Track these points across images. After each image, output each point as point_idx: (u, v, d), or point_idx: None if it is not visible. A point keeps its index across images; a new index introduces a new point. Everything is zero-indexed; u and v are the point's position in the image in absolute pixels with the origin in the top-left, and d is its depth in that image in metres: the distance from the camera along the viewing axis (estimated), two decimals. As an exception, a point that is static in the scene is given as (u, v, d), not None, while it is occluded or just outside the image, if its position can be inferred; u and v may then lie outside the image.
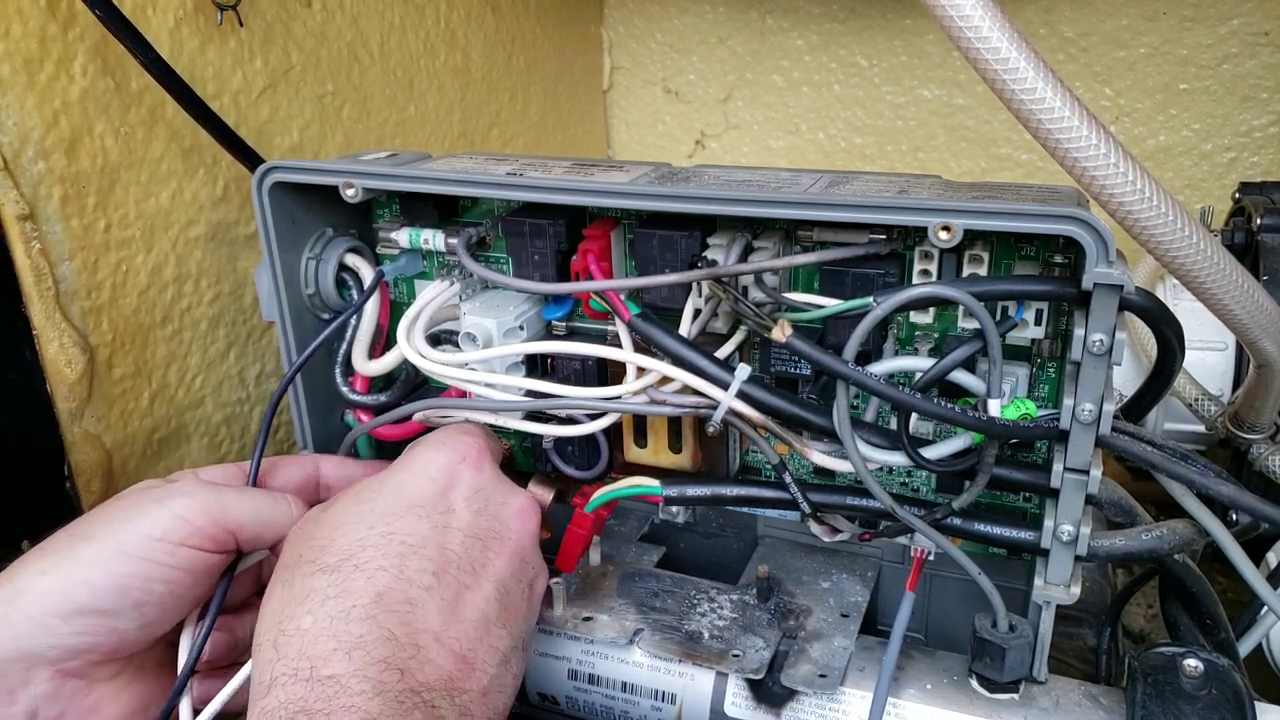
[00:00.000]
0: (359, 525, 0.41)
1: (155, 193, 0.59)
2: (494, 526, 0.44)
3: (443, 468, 0.45)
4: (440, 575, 0.40)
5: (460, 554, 0.42)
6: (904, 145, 1.14)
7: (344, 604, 0.38)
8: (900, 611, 0.47)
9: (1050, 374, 0.49)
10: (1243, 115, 1.01)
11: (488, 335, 0.52)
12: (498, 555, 0.43)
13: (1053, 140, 0.38)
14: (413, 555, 0.40)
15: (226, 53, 0.63)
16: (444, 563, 0.41)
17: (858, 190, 0.46)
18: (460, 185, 0.50)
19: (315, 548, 0.41)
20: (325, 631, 0.37)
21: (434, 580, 0.40)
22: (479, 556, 0.42)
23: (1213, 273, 0.40)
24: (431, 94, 0.86)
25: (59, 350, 0.54)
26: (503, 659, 0.41)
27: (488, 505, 0.45)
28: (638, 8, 1.18)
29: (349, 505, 0.43)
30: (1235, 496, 0.44)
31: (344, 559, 0.40)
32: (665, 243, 0.49)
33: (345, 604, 0.38)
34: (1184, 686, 0.45)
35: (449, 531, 0.42)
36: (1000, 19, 0.37)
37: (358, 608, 0.37)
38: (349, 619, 0.37)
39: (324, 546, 0.41)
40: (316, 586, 0.38)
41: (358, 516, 0.42)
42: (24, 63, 0.51)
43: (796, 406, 0.46)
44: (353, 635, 0.37)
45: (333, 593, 0.38)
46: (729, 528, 0.62)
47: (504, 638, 0.42)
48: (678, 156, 1.23)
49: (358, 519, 0.42)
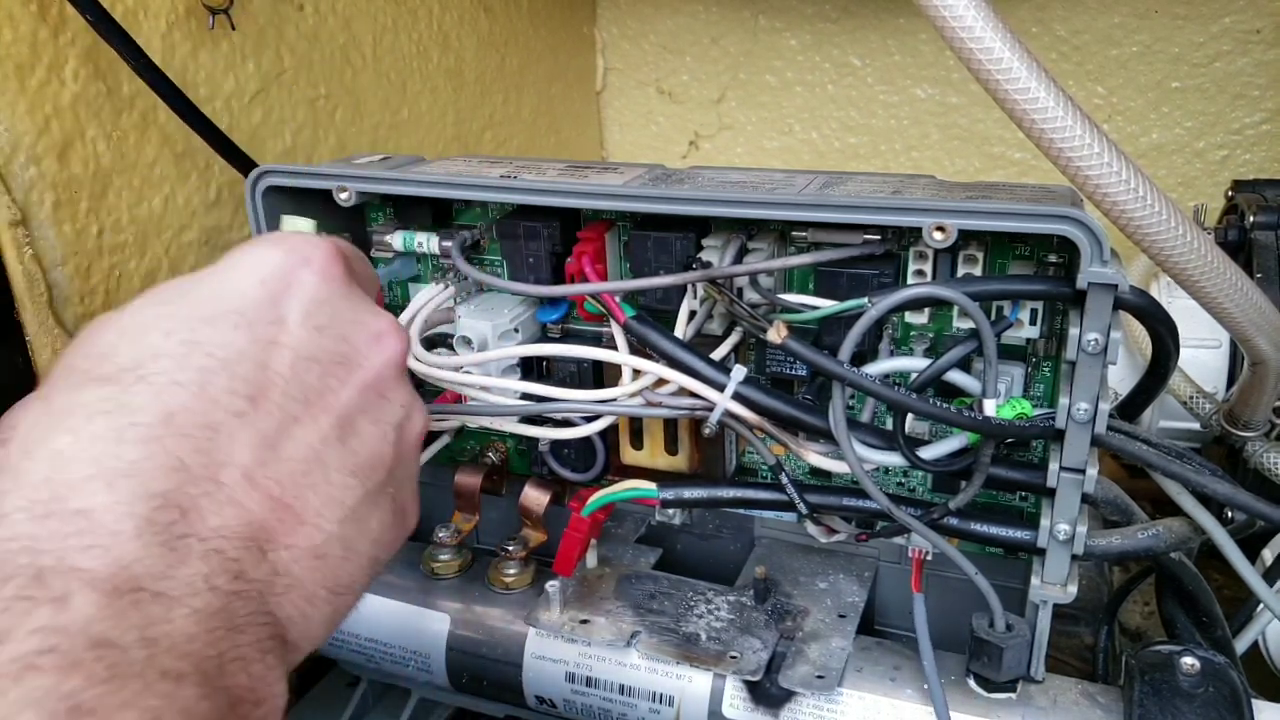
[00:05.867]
0: (153, 331, 0.31)
1: (148, 198, 0.59)
2: (340, 350, 0.34)
3: (277, 269, 0.34)
4: (257, 401, 0.31)
5: (288, 377, 0.32)
6: (898, 145, 1.14)
7: (118, 421, 0.28)
8: (916, 615, 0.47)
9: (1046, 373, 0.49)
10: (1235, 113, 1.01)
11: (483, 338, 0.52)
12: (343, 385, 0.34)
13: (1046, 139, 0.38)
14: (221, 372, 0.31)
15: (219, 56, 0.63)
16: (264, 385, 0.31)
17: (852, 191, 0.46)
18: (454, 188, 0.50)
19: (93, 355, 0.31)
20: (85, 454, 0.28)
21: (248, 406, 0.31)
22: (315, 384, 0.33)
23: (1207, 271, 0.40)
24: (424, 96, 0.86)
25: (52, 356, 0.54)
26: (349, 514, 0.33)
27: (333, 323, 0.35)
28: (630, 9, 1.18)
29: (144, 306, 0.33)
30: (1231, 494, 0.44)
31: (126, 369, 0.30)
32: (660, 244, 0.49)
33: (120, 421, 0.28)
34: (1181, 684, 0.45)
35: (275, 348, 0.32)
36: (993, 18, 0.37)
37: (137, 427, 0.28)
38: (121, 440, 0.28)
39: (104, 354, 0.31)
40: (84, 400, 0.29)
41: (154, 320, 0.32)
42: (15, 68, 0.51)
43: (792, 408, 0.46)
44: (123, 460, 0.28)
45: (105, 408, 0.29)
46: (726, 529, 0.62)
47: (352, 488, 0.33)
48: (672, 157, 1.23)
49: (153, 323, 0.32)
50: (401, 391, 0.37)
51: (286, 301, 0.34)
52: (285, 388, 0.32)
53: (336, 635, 0.58)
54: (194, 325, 0.32)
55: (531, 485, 0.59)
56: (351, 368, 0.35)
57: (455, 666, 0.56)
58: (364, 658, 0.59)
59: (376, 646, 0.58)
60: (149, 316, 0.32)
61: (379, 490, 0.35)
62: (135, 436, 0.28)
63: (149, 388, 0.30)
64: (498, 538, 0.58)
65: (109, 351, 0.31)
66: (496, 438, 0.60)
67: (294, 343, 0.33)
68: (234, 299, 0.33)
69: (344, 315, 0.35)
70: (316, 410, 0.33)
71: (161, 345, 0.31)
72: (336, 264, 0.36)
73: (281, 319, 0.33)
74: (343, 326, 0.35)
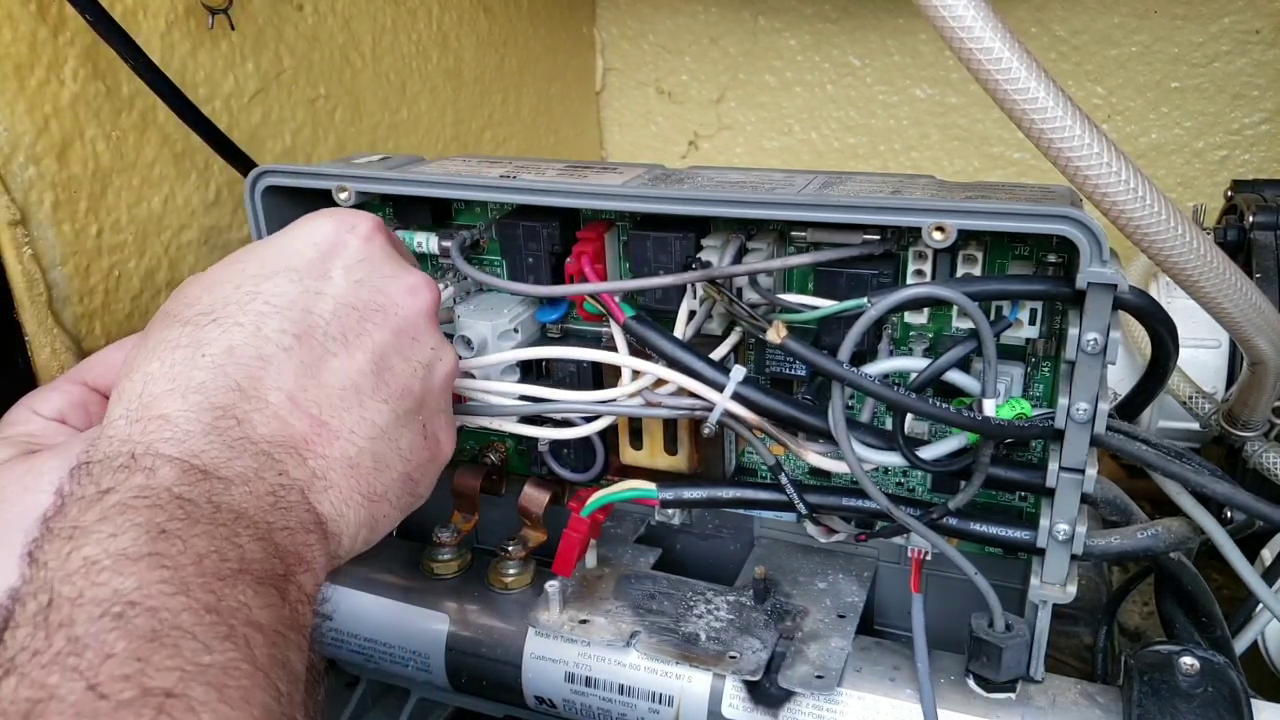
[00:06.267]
0: (226, 284, 0.40)
1: (147, 197, 0.59)
2: (375, 299, 0.42)
3: (328, 234, 0.43)
4: (303, 338, 0.39)
5: (329, 320, 0.40)
6: (897, 145, 1.14)
7: (192, 352, 0.37)
8: (915, 616, 0.47)
9: (1045, 373, 0.49)
10: (1234, 113, 1.01)
11: (482, 338, 0.52)
12: (378, 327, 0.41)
13: (1045, 139, 0.38)
14: (274, 315, 0.39)
15: (218, 56, 0.63)
16: (308, 327, 0.39)
17: (852, 191, 0.46)
18: (453, 188, 0.50)
19: (182, 304, 0.39)
20: (166, 375, 0.36)
21: (294, 342, 0.38)
22: (353, 326, 0.40)
23: (1206, 271, 0.40)
24: (424, 96, 0.86)
25: (51, 356, 0.53)
26: (380, 433, 0.40)
27: (370, 277, 0.42)
28: (630, 9, 1.18)
29: (223, 265, 0.42)
30: (1230, 494, 0.44)
31: (203, 313, 0.38)
32: (660, 245, 0.49)
33: (194, 352, 0.37)
34: (1180, 684, 0.45)
35: (320, 297, 0.40)
36: (992, 18, 0.37)
37: (206, 356, 0.36)
38: (194, 366, 0.36)
39: (189, 302, 0.39)
40: (170, 337, 0.37)
41: (228, 276, 0.40)
42: (14, 68, 0.51)
43: (792, 408, 0.46)
44: (194, 381, 0.35)
45: (184, 342, 0.37)
46: (725, 529, 0.62)
47: (383, 412, 0.40)
48: (671, 157, 1.23)
49: (227, 278, 0.40)
50: (431, 336, 0.44)
51: (333, 260, 0.42)
52: (326, 329, 0.40)
53: (336, 635, 0.58)
54: (257, 279, 0.40)
55: (531, 485, 0.59)
56: (387, 314, 0.42)
57: (454, 666, 0.56)
58: (363, 657, 0.59)
59: (376, 646, 0.58)
60: (224, 274, 0.41)
61: (409, 416, 0.42)
62: (204, 364, 0.36)
63: (218, 327, 0.38)
64: (497, 538, 0.58)
65: (192, 301, 0.39)
66: (496, 438, 0.60)
67: (336, 293, 0.41)
68: (291, 258, 0.41)
69: (382, 271, 0.43)
70: (354, 348, 0.40)
71: (231, 295, 0.39)
72: (378, 232, 0.44)
73: (327, 274, 0.41)
74: (380, 281, 0.42)
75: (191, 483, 0.32)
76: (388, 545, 0.61)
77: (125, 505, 0.31)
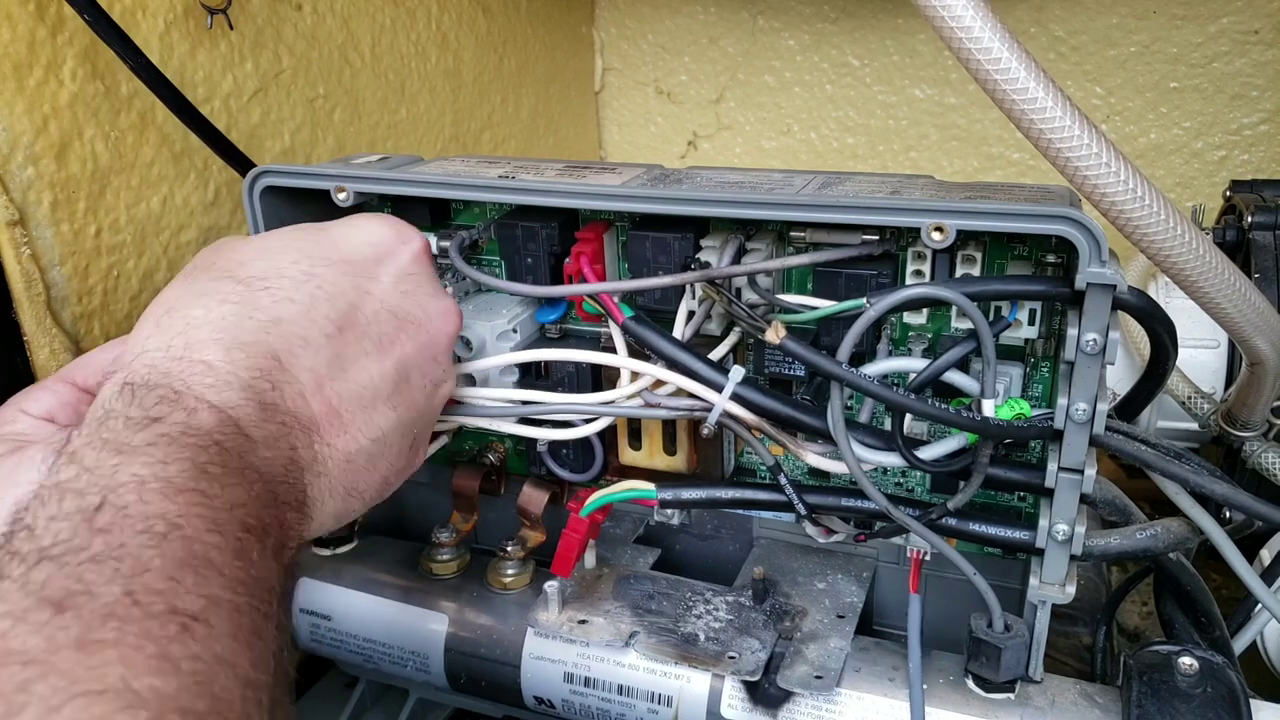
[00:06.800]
0: (284, 256, 0.41)
1: (146, 197, 0.59)
2: (414, 312, 0.43)
3: (384, 239, 0.44)
4: (344, 330, 0.40)
5: (369, 320, 0.41)
6: (896, 145, 1.14)
7: (242, 310, 0.37)
8: (911, 616, 0.47)
9: (1044, 373, 0.49)
10: (1233, 113, 1.01)
11: (481, 339, 0.52)
12: (410, 340, 0.43)
13: (1044, 139, 0.38)
14: (325, 301, 0.40)
15: (217, 56, 0.63)
16: (351, 320, 0.40)
17: (851, 191, 0.46)
18: (452, 189, 0.50)
19: (234, 260, 0.40)
20: (214, 324, 0.36)
21: (336, 332, 0.40)
22: (389, 333, 0.42)
23: (1205, 271, 0.40)
24: (423, 96, 0.86)
25: (50, 356, 0.53)
26: (380, 436, 0.41)
27: (415, 291, 0.44)
28: (629, 9, 1.18)
29: (282, 235, 0.43)
30: (1229, 494, 0.44)
31: (257, 277, 0.39)
32: (659, 245, 0.49)
33: (244, 311, 0.37)
34: (1179, 685, 0.45)
35: (368, 296, 0.42)
36: (991, 18, 0.37)
37: (254, 320, 0.37)
38: (241, 325, 0.37)
39: (242, 262, 0.40)
40: (220, 289, 0.38)
41: (285, 249, 0.41)
42: (12, 67, 0.51)
43: (791, 408, 0.46)
44: (239, 339, 0.36)
45: (235, 299, 0.38)
46: (724, 529, 0.62)
47: (389, 417, 0.41)
48: (670, 157, 1.23)
49: (284, 251, 0.41)
50: (446, 359, 0.46)
51: (386, 265, 0.44)
52: (365, 327, 0.41)
53: (335, 635, 0.58)
54: (315, 261, 0.41)
55: (530, 485, 0.59)
56: (421, 329, 0.44)
57: (453, 667, 0.56)
58: (362, 658, 0.59)
59: (375, 647, 0.58)
60: (284, 244, 0.42)
61: (407, 426, 0.43)
62: (252, 326, 0.37)
63: (270, 296, 0.39)
64: (496, 538, 0.58)
65: (246, 261, 0.40)
66: (495, 438, 0.60)
67: (382, 295, 0.43)
68: (349, 251, 0.43)
69: (425, 289, 0.45)
70: (385, 353, 0.42)
71: (288, 269, 0.40)
72: (427, 252, 0.47)
73: (378, 276, 0.43)
74: (421, 297, 0.44)
75: (228, 433, 0.33)
76: (387, 546, 0.61)
77: (172, 439, 0.32)
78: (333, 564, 0.60)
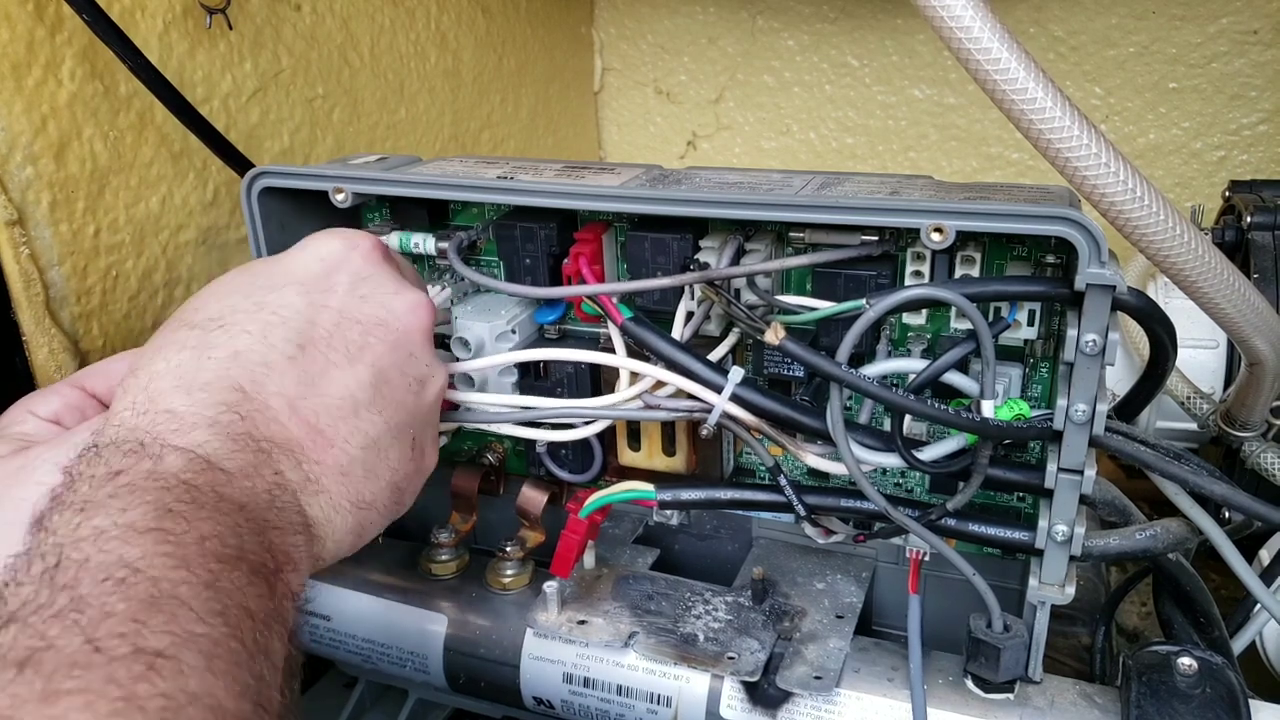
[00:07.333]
0: (235, 294, 0.41)
1: (145, 197, 0.59)
2: (377, 313, 0.43)
3: (334, 251, 0.44)
4: (306, 348, 0.40)
5: (331, 332, 0.41)
6: (895, 145, 1.14)
7: (199, 354, 0.38)
8: (911, 617, 0.47)
9: (1043, 374, 0.49)
10: (1232, 113, 1.01)
11: (479, 340, 0.52)
12: (379, 341, 0.42)
13: (1043, 140, 0.38)
14: (280, 326, 0.40)
15: (216, 56, 0.63)
16: (312, 338, 0.40)
17: (850, 192, 0.46)
18: (451, 189, 0.50)
19: (191, 309, 0.41)
20: (173, 373, 0.37)
21: (297, 351, 0.40)
22: (356, 340, 0.42)
23: (1204, 271, 0.40)
24: (422, 96, 0.86)
25: (49, 356, 0.53)
26: (371, 442, 0.41)
27: (374, 293, 0.44)
28: (628, 9, 1.18)
29: (234, 275, 0.43)
30: (1228, 494, 0.44)
31: (212, 319, 0.40)
32: (657, 246, 0.49)
33: (201, 354, 0.38)
34: (1178, 685, 0.45)
35: (324, 310, 0.42)
36: (990, 18, 0.37)
37: (212, 359, 0.38)
38: (200, 367, 0.37)
39: (197, 308, 0.41)
40: (177, 339, 0.39)
41: (236, 286, 0.42)
42: (11, 67, 0.50)
43: (790, 409, 0.46)
44: (199, 380, 0.37)
45: (191, 344, 0.38)
46: (723, 529, 0.62)
47: (375, 422, 0.41)
48: (669, 158, 1.23)
49: (236, 288, 0.42)
50: (427, 353, 0.45)
51: (338, 275, 0.43)
52: (329, 340, 0.41)
53: (334, 635, 0.58)
54: (264, 291, 0.41)
55: (529, 486, 0.59)
56: (389, 328, 0.43)
57: (452, 667, 0.56)
58: (361, 658, 0.58)
59: (374, 647, 0.58)
60: (233, 284, 0.42)
61: (401, 428, 0.43)
62: (211, 365, 0.37)
63: (225, 333, 0.39)
64: (495, 538, 0.58)
65: (201, 306, 0.41)
66: (494, 439, 0.60)
67: (340, 305, 0.42)
68: (298, 272, 0.43)
69: (385, 288, 0.44)
70: (355, 361, 0.41)
71: (240, 304, 0.41)
72: (378, 250, 0.46)
73: (332, 288, 0.43)
74: (383, 297, 0.44)
75: (197, 471, 0.34)
76: (386, 546, 0.61)
77: (135, 486, 0.32)
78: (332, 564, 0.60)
